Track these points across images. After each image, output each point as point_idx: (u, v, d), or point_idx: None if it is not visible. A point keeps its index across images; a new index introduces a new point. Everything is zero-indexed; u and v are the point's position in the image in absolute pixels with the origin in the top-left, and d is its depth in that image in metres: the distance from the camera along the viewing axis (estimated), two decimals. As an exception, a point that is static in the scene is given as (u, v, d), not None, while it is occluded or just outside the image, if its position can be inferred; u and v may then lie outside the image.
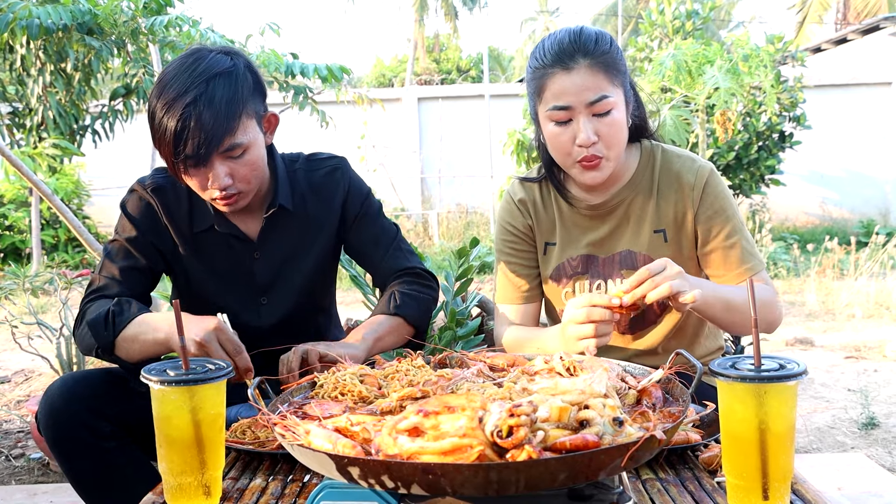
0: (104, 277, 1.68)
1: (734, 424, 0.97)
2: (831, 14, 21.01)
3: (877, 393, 3.99)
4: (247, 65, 1.60)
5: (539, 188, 1.78)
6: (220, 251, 1.74)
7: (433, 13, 27.88)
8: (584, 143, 1.55)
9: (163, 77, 1.54)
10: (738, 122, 8.75)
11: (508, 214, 1.80)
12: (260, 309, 1.77)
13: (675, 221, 1.68)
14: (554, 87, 1.56)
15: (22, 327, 3.61)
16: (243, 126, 1.55)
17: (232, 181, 1.56)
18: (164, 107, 1.50)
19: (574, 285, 1.73)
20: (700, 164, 1.69)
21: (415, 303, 1.73)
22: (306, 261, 1.79)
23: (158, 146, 1.53)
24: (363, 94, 5.83)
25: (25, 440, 3.42)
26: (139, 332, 1.52)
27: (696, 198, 1.66)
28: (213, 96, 1.50)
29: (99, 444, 1.54)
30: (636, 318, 1.71)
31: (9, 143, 5.07)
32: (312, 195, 1.79)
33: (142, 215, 1.71)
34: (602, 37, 1.58)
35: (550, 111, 1.57)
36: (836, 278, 7.02)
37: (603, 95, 1.54)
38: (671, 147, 1.74)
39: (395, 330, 1.69)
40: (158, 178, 1.74)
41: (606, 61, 1.55)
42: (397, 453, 0.86)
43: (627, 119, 1.62)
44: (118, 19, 4.18)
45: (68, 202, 9.52)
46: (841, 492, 2.63)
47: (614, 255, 1.71)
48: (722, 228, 1.65)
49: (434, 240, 10.50)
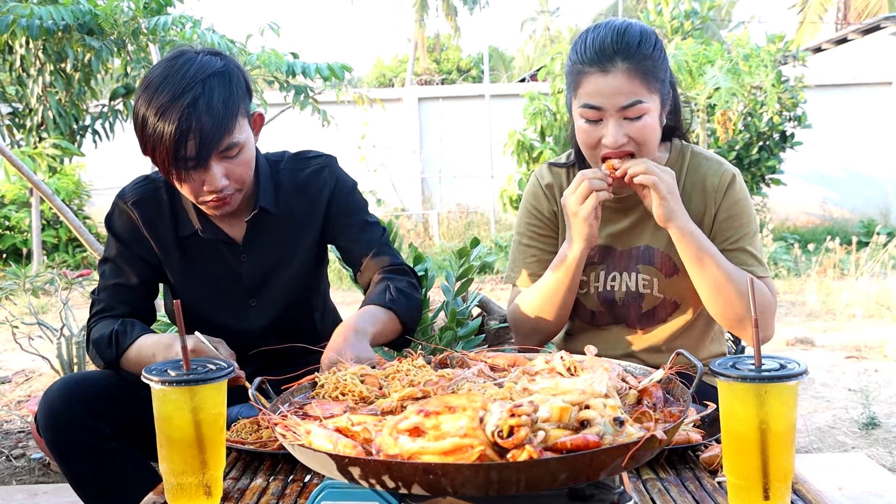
0: (103, 298, 1.71)
1: (735, 424, 0.97)
2: (832, 14, 21.01)
3: (877, 393, 3.99)
4: (236, 64, 1.60)
5: (567, 174, 1.77)
6: (206, 256, 1.72)
7: (433, 13, 27.89)
8: (611, 146, 1.55)
9: (149, 82, 1.51)
10: (739, 122, 8.75)
11: (534, 198, 1.80)
12: (248, 311, 1.76)
13: (695, 221, 1.66)
14: (588, 87, 1.55)
15: (22, 327, 3.61)
16: (239, 125, 1.54)
17: (228, 181, 1.56)
18: (157, 112, 1.47)
19: (590, 275, 1.72)
20: (726, 167, 1.69)
21: (407, 301, 1.68)
22: (293, 261, 1.77)
23: (152, 152, 1.50)
24: (363, 94, 5.83)
25: (26, 440, 3.42)
26: (138, 355, 1.59)
27: (718, 199, 1.67)
28: (212, 97, 1.49)
29: (98, 445, 1.54)
30: (646, 314, 1.71)
31: (9, 144, 5.07)
32: (297, 194, 1.76)
33: (125, 230, 1.71)
34: (646, 39, 1.55)
35: (582, 108, 1.56)
36: (837, 278, 7.02)
37: (637, 101, 1.52)
38: (700, 149, 1.74)
39: (388, 324, 1.63)
40: (138, 189, 1.72)
41: (646, 67, 1.53)
42: (398, 453, 0.86)
43: (662, 120, 1.61)
44: (118, 19, 4.17)
45: (69, 202, 9.52)
46: (842, 492, 2.63)
47: (632, 249, 1.71)
48: (735, 232, 1.65)
49: (434, 240, 10.49)
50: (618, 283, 1.71)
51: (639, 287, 1.70)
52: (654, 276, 1.69)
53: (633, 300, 1.71)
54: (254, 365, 1.65)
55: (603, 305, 1.73)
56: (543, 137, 8.07)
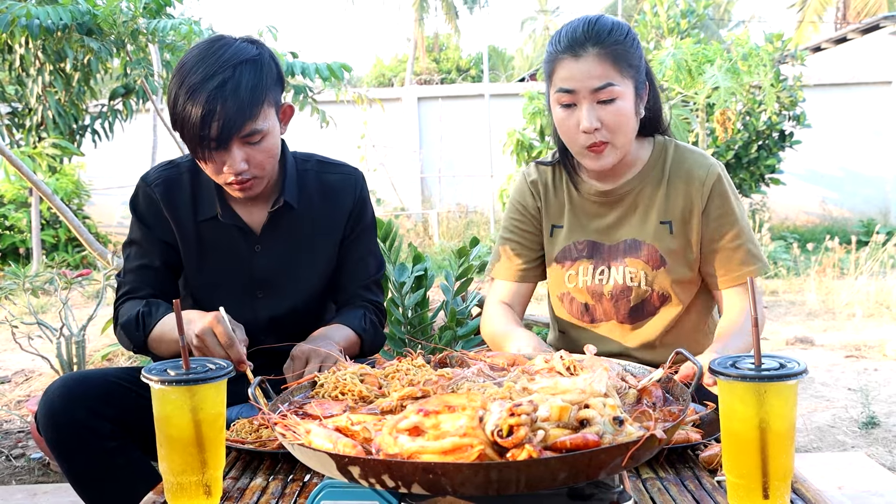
0: (128, 280, 1.74)
1: (734, 423, 0.97)
2: (831, 13, 21.01)
3: (877, 392, 3.99)
4: (270, 55, 1.64)
5: (552, 171, 1.82)
6: (221, 241, 1.75)
7: (433, 13, 27.88)
8: (586, 130, 1.58)
9: (183, 64, 1.56)
10: (738, 122, 8.75)
11: (519, 194, 1.85)
12: (255, 303, 1.78)
13: (682, 214, 1.70)
14: (562, 72, 1.60)
15: (22, 327, 3.61)
16: (264, 113, 1.58)
17: (247, 166, 1.59)
18: (187, 91, 1.52)
19: (578, 268, 1.76)
20: (711, 161, 1.72)
21: (375, 335, 1.80)
22: (307, 260, 1.79)
23: (181, 130, 1.56)
24: (363, 94, 5.82)
25: (26, 440, 3.42)
26: (164, 332, 1.61)
27: (705, 195, 1.69)
28: (240, 82, 1.53)
29: (98, 444, 1.54)
30: (635, 308, 1.74)
31: (8, 143, 5.07)
32: (321, 197, 1.80)
33: (147, 212, 1.75)
34: (618, 28, 1.60)
35: (557, 93, 1.61)
36: (837, 277, 7.02)
37: (608, 83, 1.56)
38: (684, 144, 1.77)
39: (353, 347, 1.72)
40: (162, 172, 1.77)
41: (617, 52, 1.57)
42: (398, 452, 0.87)
43: (638, 110, 1.64)
44: (118, 19, 4.17)
45: (68, 202, 9.51)
46: (841, 491, 2.63)
47: (619, 243, 1.73)
48: (730, 230, 1.68)
49: (434, 239, 10.49)
50: (605, 276, 1.74)
51: (626, 280, 1.72)
52: (640, 268, 1.71)
53: (622, 293, 1.73)
54: (253, 362, 1.65)
55: (594, 298, 1.76)
56: (543, 137, 8.07)
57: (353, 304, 1.82)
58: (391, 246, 2.85)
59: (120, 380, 1.63)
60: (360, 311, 1.79)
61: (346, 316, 1.76)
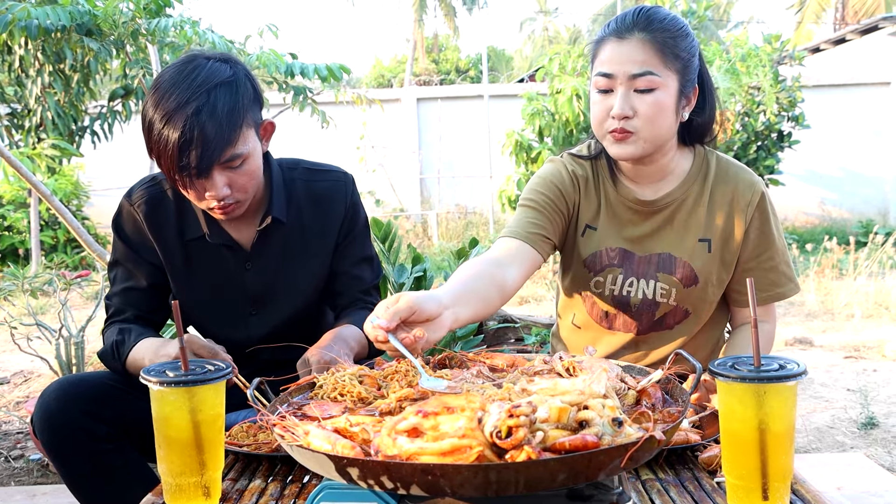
0: (114, 303, 1.72)
1: (734, 424, 0.97)
2: (830, 14, 21.03)
3: (876, 393, 3.99)
4: (245, 73, 1.59)
5: (592, 168, 1.71)
6: (210, 261, 1.71)
7: (432, 13, 27.90)
8: (616, 116, 1.51)
9: (158, 85, 1.51)
10: (737, 122, 8.75)
11: (558, 178, 1.68)
12: (249, 320, 1.75)
13: (723, 233, 1.63)
14: (603, 55, 1.54)
15: (21, 328, 3.60)
16: (244, 136, 1.53)
17: (230, 191, 1.55)
18: (163, 118, 1.47)
19: (607, 276, 1.68)
20: (755, 179, 1.66)
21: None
22: (300, 272, 1.75)
23: (158, 157, 1.51)
24: (362, 95, 5.82)
25: (25, 441, 3.42)
26: (135, 360, 1.60)
27: (749, 216, 1.63)
28: (216, 107, 1.48)
29: (95, 446, 1.54)
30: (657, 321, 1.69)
31: (7, 144, 5.07)
32: (311, 206, 1.75)
33: (131, 233, 1.71)
34: (672, 20, 1.53)
35: (595, 78, 1.54)
36: (836, 278, 7.02)
37: (648, 71, 1.49)
38: (725, 156, 1.69)
39: (364, 349, 1.65)
40: (145, 189, 1.72)
41: (664, 40, 1.50)
42: (396, 454, 0.86)
43: (678, 110, 1.55)
44: (117, 20, 4.16)
45: (67, 203, 9.51)
46: (840, 492, 2.63)
47: (652, 255, 1.66)
48: (766, 249, 1.64)
49: (433, 240, 10.49)
50: (634, 288, 1.66)
51: (656, 296, 1.66)
52: (672, 285, 1.65)
53: (648, 308, 1.67)
54: (249, 369, 1.65)
55: (617, 308, 1.69)
56: (542, 138, 8.06)
57: (355, 307, 1.77)
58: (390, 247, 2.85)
59: (117, 382, 1.63)
60: (365, 311, 1.73)
61: (354, 316, 1.70)
